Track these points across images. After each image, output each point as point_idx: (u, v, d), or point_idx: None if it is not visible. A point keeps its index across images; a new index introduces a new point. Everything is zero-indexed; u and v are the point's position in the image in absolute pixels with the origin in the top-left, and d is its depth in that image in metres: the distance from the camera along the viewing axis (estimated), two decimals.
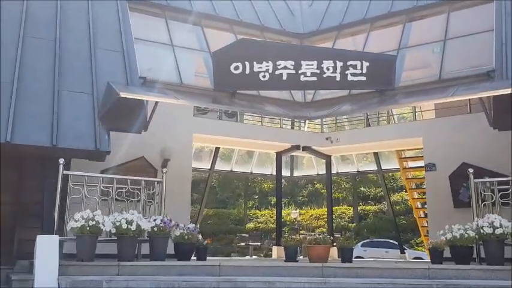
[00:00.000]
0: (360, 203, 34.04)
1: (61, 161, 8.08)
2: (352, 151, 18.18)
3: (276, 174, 16.96)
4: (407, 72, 11.69)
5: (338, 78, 10.74)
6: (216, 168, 18.10)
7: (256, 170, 19.78)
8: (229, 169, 19.21)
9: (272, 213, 30.72)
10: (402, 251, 19.81)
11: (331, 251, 9.51)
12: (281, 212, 17.73)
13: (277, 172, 16.87)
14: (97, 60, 9.94)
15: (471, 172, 8.87)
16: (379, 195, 32.69)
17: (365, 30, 12.70)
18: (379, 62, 11.08)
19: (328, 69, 10.75)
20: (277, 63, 10.75)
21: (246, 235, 26.18)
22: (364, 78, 10.76)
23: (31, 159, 8.99)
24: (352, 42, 13.22)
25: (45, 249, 7.17)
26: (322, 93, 12.63)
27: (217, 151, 17.55)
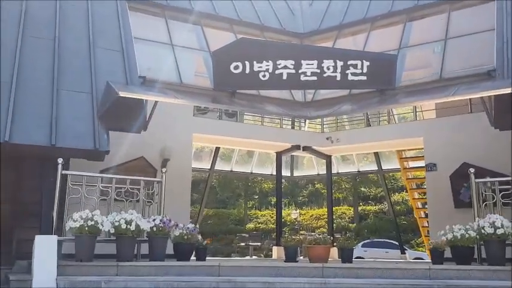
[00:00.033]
0: (361, 203, 34.01)
1: (60, 161, 8.06)
2: (352, 151, 18.15)
3: (276, 174, 16.92)
4: (407, 71, 11.64)
5: (338, 77, 10.70)
6: (216, 168, 18.09)
7: (256, 170, 19.76)
8: (229, 169, 19.19)
9: (272, 213, 30.68)
10: (403, 252, 19.79)
11: (331, 252, 9.49)
12: (281, 212, 17.70)
13: (277, 172, 16.82)
14: (96, 59, 9.90)
15: (472, 172, 8.84)
16: (379, 195, 32.65)
17: (365, 29, 12.65)
18: (379, 62, 11.05)
19: (328, 68, 10.71)
20: (277, 62, 10.71)
21: (246, 235, 26.14)
22: (364, 77, 10.72)
23: (30, 158, 8.94)
24: (352, 41, 13.16)
25: (43, 249, 7.15)
26: (322, 92, 12.58)
27: (217, 151, 17.52)
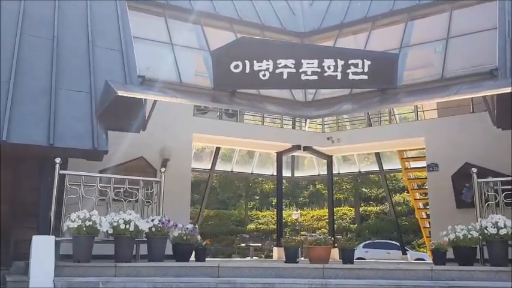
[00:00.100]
0: (362, 204, 33.94)
1: (57, 160, 7.98)
2: (353, 151, 18.08)
3: (277, 174, 16.84)
4: (409, 71, 11.56)
5: (339, 77, 10.64)
6: (217, 168, 18.04)
7: (257, 171, 19.71)
8: (229, 169, 19.12)
9: (273, 214, 30.62)
10: (404, 252, 19.74)
11: (332, 252, 9.43)
12: (282, 213, 17.61)
13: (278, 172, 16.73)
14: (95, 58, 9.83)
15: (475, 172, 8.76)
16: (380, 196, 32.57)
17: (366, 29, 12.58)
18: (380, 61, 10.98)
19: (329, 67, 10.64)
20: (277, 61, 10.64)
21: (247, 236, 26.10)
22: (365, 77, 10.65)
23: (28, 158, 8.89)
24: (353, 41, 13.08)
25: (41, 249, 7.08)
26: (323, 92, 12.51)
27: (217, 151, 17.46)
